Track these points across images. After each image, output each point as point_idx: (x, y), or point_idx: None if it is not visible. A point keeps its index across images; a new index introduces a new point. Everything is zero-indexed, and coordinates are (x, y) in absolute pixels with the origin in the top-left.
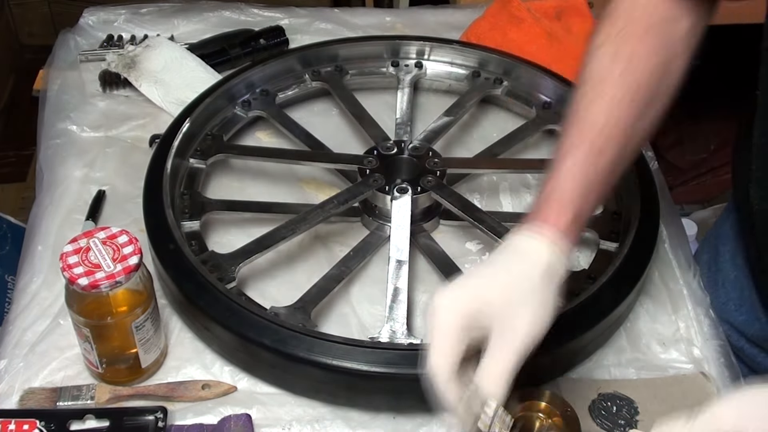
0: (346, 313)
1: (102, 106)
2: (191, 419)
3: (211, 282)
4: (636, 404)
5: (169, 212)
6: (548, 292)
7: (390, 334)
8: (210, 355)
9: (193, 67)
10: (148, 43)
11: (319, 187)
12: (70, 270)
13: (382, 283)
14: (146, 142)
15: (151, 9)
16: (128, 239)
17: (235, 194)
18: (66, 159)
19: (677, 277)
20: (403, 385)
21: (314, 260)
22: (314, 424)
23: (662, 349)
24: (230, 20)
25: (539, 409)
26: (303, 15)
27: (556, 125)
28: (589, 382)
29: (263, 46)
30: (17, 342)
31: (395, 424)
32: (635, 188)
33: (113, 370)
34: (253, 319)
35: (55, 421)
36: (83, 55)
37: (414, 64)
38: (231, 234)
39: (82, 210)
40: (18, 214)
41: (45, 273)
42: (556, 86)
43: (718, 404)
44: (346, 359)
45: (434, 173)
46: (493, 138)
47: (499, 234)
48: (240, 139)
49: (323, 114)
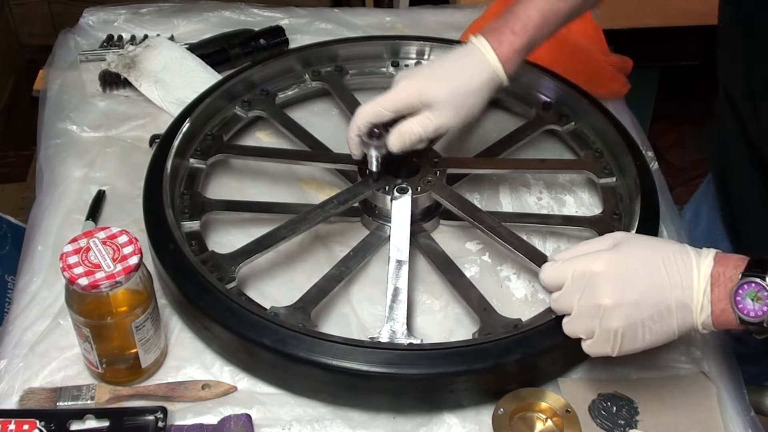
0: (346, 313)
1: (102, 106)
2: (191, 419)
3: (211, 282)
4: (636, 404)
5: (169, 212)
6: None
7: (390, 334)
8: (210, 355)
9: (193, 67)
10: (148, 43)
11: (319, 187)
12: (70, 270)
13: (382, 283)
14: (146, 142)
15: (151, 9)
16: (128, 239)
17: (235, 194)
18: (66, 159)
19: None
20: (403, 385)
21: (314, 260)
22: (314, 424)
23: (662, 349)
24: (230, 20)
25: (539, 409)
26: (303, 15)
27: (556, 125)
28: (589, 382)
29: (263, 46)
30: (17, 342)
31: (395, 424)
32: (635, 188)
33: (113, 370)
34: (253, 319)
35: (55, 421)
36: (83, 55)
37: (414, 64)
38: (231, 234)
39: (82, 210)
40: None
41: (45, 273)
42: (556, 86)
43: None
44: (346, 359)
45: (434, 173)
46: (493, 138)
47: (499, 234)
48: (240, 139)
49: (323, 114)
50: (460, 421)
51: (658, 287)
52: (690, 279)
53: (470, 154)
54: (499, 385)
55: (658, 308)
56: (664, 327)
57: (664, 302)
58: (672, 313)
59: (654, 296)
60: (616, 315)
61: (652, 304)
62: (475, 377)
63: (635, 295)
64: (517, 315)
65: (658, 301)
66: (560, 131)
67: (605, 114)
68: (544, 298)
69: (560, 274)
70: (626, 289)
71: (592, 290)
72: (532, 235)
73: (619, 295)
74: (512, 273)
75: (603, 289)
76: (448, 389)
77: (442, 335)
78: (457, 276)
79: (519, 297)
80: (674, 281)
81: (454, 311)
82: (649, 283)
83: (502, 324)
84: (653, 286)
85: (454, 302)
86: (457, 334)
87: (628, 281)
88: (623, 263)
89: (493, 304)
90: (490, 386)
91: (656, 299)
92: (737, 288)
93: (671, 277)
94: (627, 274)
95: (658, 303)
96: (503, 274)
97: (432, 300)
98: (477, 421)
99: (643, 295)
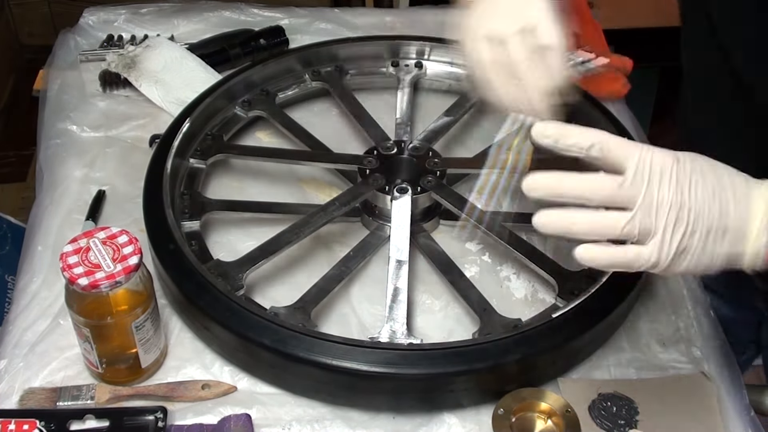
0: (346, 313)
1: (102, 106)
2: (191, 419)
3: (210, 282)
4: (636, 404)
5: (169, 212)
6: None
7: (390, 334)
8: (210, 355)
9: (193, 67)
10: (148, 43)
11: (319, 187)
12: (70, 270)
13: (382, 283)
14: (146, 142)
15: (151, 9)
16: (128, 239)
17: (235, 194)
18: (66, 159)
19: (677, 277)
20: (403, 385)
21: (314, 260)
22: (314, 424)
23: (662, 349)
24: (230, 20)
25: (539, 409)
26: (303, 15)
27: None
28: (589, 382)
29: (263, 46)
30: (17, 342)
31: (395, 424)
32: None
33: (113, 370)
34: (252, 319)
35: (55, 421)
36: (83, 55)
37: (414, 64)
38: (231, 234)
39: (82, 210)
40: (18, 214)
41: (45, 273)
42: None
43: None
44: (346, 359)
45: (434, 173)
46: (493, 138)
47: (499, 234)
48: (240, 139)
49: (323, 114)
50: (460, 421)
51: (720, 202)
52: (748, 203)
53: (470, 154)
54: (499, 385)
55: (715, 225)
56: (715, 248)
57: (723, 220)
58: (725, 234)
59: (715, 211)
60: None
61: (712, 217)
62: (475, 377)
63: (699, 204)
64: (517, 315)
65: (718, 216)
66: None
67: (605, 114)
68: (544, 297)
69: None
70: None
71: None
72: (532, 235)
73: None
74: (512, 273)
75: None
76: (448, 389)
77: (442, 335)
78: (457, 276)
79: (519, 297)
80: (733, 201)
81: (454, 311)
82: (712, 195)
83: (502, 324)
84: (717, 201)
85: (454, 302)
86: (457, 334)
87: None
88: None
89: (493, 304)
90: (490, 386)
91: (716, 214)
92: None
93: (733, 196)
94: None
95: (718, 218)
96: (503, 274)
97: (432, 300)
98: (477, 421)
99: (707, 207)
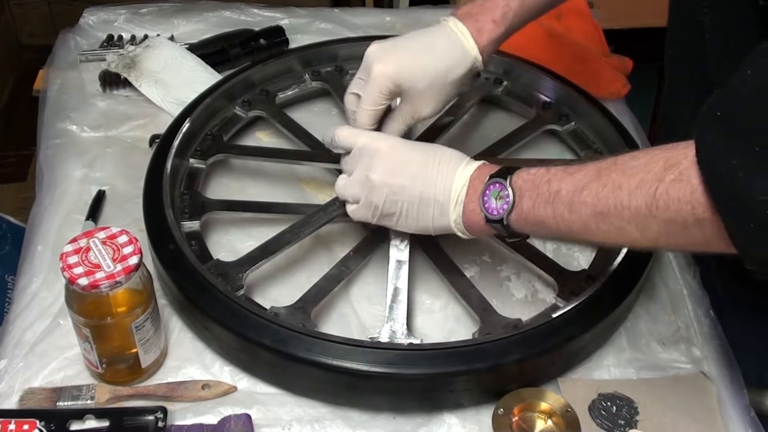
0: (346, 313)
1: (102, 106)
2: (191, 419)
3: (210, 282)
4: (636, 404)
5: (169, 212)
6: (456, 89)
7: (390, 334)
8: (210, 355)
9: (193, 67)
10: (148, 43)
11: (319, 187)
12: (70, 270)
13: (382, 283)
14: (146, 142)
15: (151, 9)
16: (128, 239)
17: (235, 194)
18: (66, 159)
19: (677, 277)
20: (403, 385)
21: (314, 260)
22: (314, 424)
23: (662, 349)
24: (230, 20)
25: (539, 409)
26: (303, 15)
27: (557, 125)
28: (589, 382)
29: (263, 46)
30: (17, 342)
31: (395, 424)
32: None
33: (113, 370)
34: (252, 319)
35: (55, 421)
36: (83, 55)
37: None
38: (231, 234)
39: (82, 210)
40: (18, 214)
41: (45, 273)
42: (556, 86)
43: None
44: (346, 359)
45: None
46: (493, 138)
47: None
48: (240, 139)
49: (323, 114)
50: (460, 421)
51: (424, 179)
52: (452, 179)
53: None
54: (499, 385)
55: (420, 198)
56: (420, 216)
57: (426, 194)
58: (430, 206)
59: (419, 186)
60: (380, 191)
61: (415, 193)
62: (475, 377)
63: (402, 180)
64: (517, 315)
65: (421, 191)
66: (560, 131)
67: (605, 114)
68: (544, 297)
69: (352, 139)
70: (396, 172)
71: (369, 163)
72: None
73: (388, 176)
74: (512, 273)
75: (377, 166)
76: (448, 389)
77: (442, 335)
78: (457, 276)
79: (519, 297)
80: (440, 178)
81: (454, 311)
82: (417, 174)
83: (502, 324)
84: (420, 178)
85: (454, 302)
86: (457, 334)
87: (401, 166)
88: (404, 152)
89: (493, 304)
90: (490, 386)
91: (420, 189)
92: (485, 189)
93: (439, 174)
94: (402, 160)
95: (421, 193)
96: (503, 274)
97: (432, 300)
98: (477, 421)
99: (410, 182)
